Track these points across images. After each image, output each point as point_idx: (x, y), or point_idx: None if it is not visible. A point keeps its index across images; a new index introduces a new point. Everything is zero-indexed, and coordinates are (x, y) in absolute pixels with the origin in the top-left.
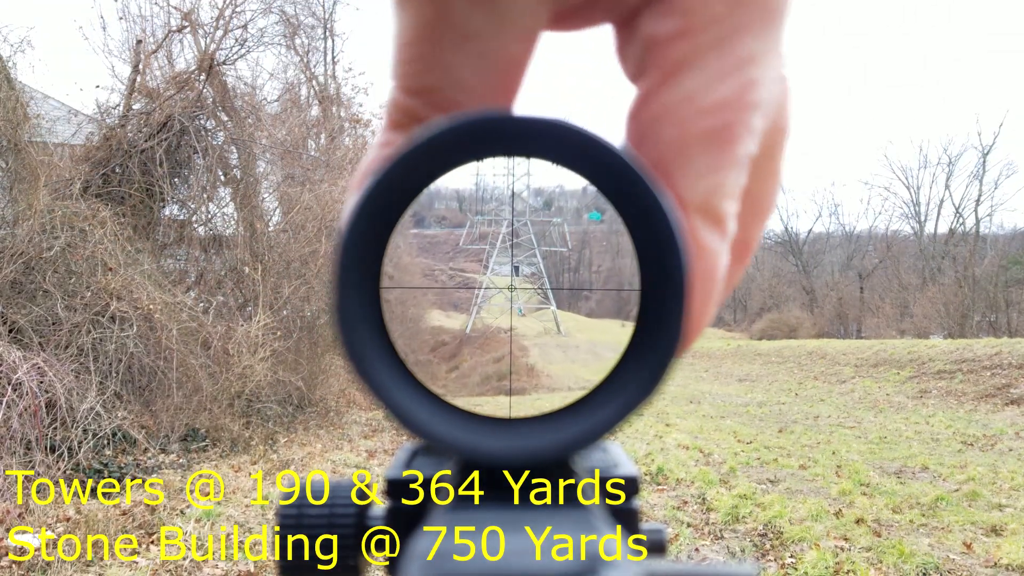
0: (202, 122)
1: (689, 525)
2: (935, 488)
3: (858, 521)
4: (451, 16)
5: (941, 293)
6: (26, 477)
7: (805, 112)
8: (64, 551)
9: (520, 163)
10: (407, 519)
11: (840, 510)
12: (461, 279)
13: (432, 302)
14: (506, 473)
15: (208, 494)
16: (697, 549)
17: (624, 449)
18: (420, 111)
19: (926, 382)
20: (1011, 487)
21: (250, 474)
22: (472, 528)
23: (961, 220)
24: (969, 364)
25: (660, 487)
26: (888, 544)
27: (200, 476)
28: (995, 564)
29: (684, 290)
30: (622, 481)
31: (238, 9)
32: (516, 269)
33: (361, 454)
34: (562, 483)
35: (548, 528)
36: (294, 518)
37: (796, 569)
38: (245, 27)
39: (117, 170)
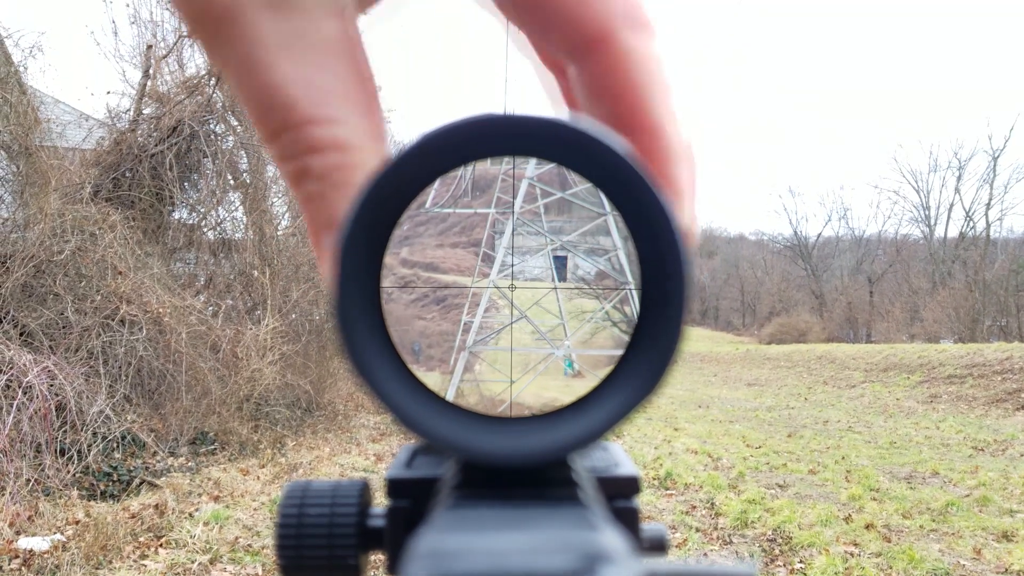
0: (212, 127)
1: (698, 530)
2: (945, 493)
3: (868, 526)
4: (259, 29)
5: (951, 297)
6: (36, 480)
7: (814, 115)
8: (73, 554)
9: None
10: (407, 519)
11: (850, 515)
12: (431, 289)
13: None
14: (506, 472)
15: (217, 497)
16: (705, 554)
17: (625, 449)
18: (313, 140)
19: (936, 387)
20: (1022, 492)
21: (258, 477)
22: (472, 528)
23: (971, 224)
24: (980, 369)
25: (669, 492)
26: (898, 550)
27: (208, 480)
28: (1006, 570)
29: (684, 290)
30: (622, 480)
31: None
32: (560, 263)
33: (369, 458)
34: (562, 483)
35: (548, 528)
36: (295, 518)
37: (805, 575)
38: None
39: (127, 174)
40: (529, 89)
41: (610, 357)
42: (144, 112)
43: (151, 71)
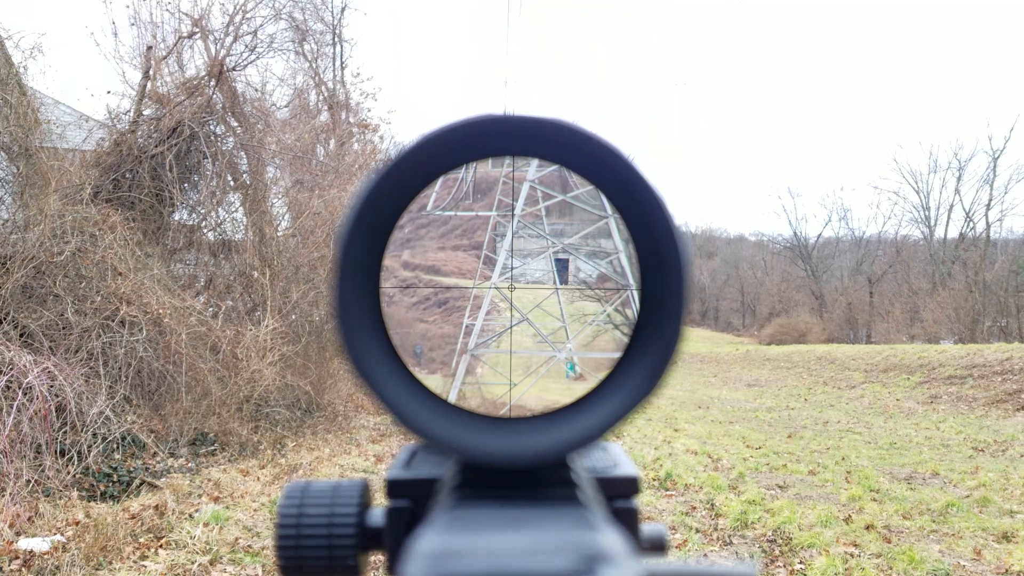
0: (212, 128)
1: (698, 531)
2: (945, 494)
3: (868, 527)
4: None
5: (951, 298)
6: (36, 481)
7: (814, 116)
8: (73, 555)
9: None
10: (407, 519)
11: (850, 516)
12: (431, 292)
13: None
14: (505, 473)
15: (217, 498)
16: (705, 555)
17: (625, 449)
18: None
19: (936, 387)
20: (1023, 493)
21: (258, 478)
22: (472, 528)
23: (971, 224)
24: (980, 369)
25: (668, 492)
26: (898, 551)
27: (208, 480)
28: (1006, 571)
29: (683, 290)
30: (622, 481)
31: (248, 15)
32: (562, 266)
33: (369, 459)
34: (562, 483)
35: (548, 528)
36: (295, 518)
37: (806, 575)
38: (255, 33)
39: (127, 175)
40: (530, 90)
41: (612, 360)
42: (144, 113)
43: (151, 72)
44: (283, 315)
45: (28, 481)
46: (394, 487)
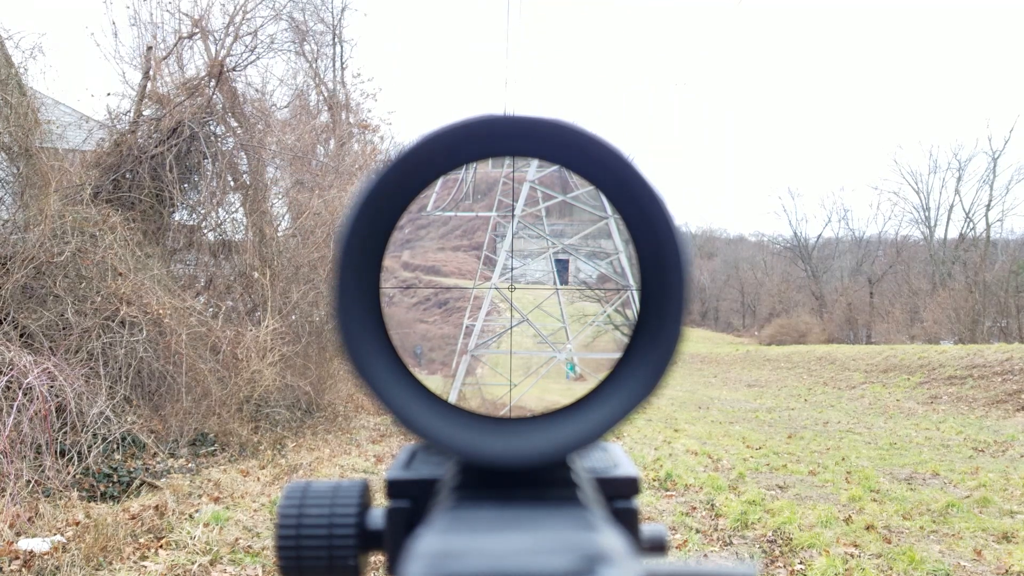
0: (212, 128)
1: (698, 531)
2: (946, 494)
3: (868, 527)
4: None
5: (951, 298)
6: (36, 481)
7: (814, 116)
8: (73, 555)
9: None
10: (407, 520)
11: (850, 516)
12: (432, 292)
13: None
14: (505, 473)
15: (217, 499)
16: (706, 555)
17: (625, 450)
18: None
19: (936, 388)
20: (1023, 494)
21: (258, 478)
22: (472, 528)
23: (971, 225)
24: (980, 370)
25: (669, 493)
26: (898, 551)
27: (208, 481)
28: (1006, 571)
29: (683, 290)
30: (622, 481)
31: (248, 16)
32: (562, 266)
33: (369, 459)
34: (562, 483)
35: (548, 528)
36: (295, 519)
37: (806, 575)
38: (255, 34)
39: (127, 176)
40: (530, 90)
41: (612, 360)
42: (144, 113)
43: (151, 72)
44: (283, 315)
45: (28, 481)
46: (394, 487)
